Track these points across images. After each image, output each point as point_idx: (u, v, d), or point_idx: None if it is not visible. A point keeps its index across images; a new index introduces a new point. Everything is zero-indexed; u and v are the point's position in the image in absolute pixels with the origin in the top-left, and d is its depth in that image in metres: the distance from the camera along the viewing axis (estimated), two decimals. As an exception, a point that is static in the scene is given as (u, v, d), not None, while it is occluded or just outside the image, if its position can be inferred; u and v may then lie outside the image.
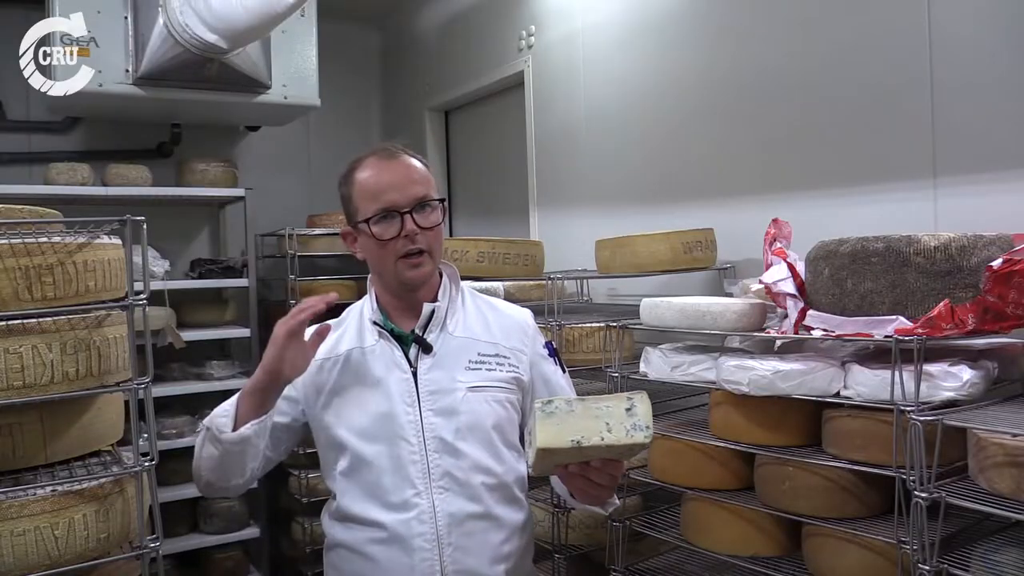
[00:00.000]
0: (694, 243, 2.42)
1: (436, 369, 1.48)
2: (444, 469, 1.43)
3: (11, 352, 1.56)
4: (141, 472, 1.69)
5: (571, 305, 2.97)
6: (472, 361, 1.50)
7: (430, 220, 1.45)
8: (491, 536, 1.45)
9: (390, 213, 1.42)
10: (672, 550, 2.20)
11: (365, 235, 1.46)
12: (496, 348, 1.53)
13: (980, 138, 1.91)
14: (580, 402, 1.24)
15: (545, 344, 1.63)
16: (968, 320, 1.46)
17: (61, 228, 1.73)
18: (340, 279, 4.05)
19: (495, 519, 1.46)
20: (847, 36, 2.20)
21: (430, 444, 1.43)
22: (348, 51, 4.68)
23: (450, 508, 1.42)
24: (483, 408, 1.47)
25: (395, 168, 1.46)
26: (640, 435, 1.22)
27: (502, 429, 1.49)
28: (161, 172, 3.75)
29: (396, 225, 1.42)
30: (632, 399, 1.23)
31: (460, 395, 1.46)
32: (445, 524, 1.41)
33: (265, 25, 2.90)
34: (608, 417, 1.22)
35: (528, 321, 1.63)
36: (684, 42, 2.74)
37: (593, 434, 1.22)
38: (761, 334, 1.86)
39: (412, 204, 1.43)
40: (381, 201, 1.43)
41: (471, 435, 1.45)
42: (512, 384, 1.52)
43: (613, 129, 3.09)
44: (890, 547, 1.52)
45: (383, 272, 1.50)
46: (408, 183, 1.44)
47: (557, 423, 1.22)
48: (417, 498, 1.42)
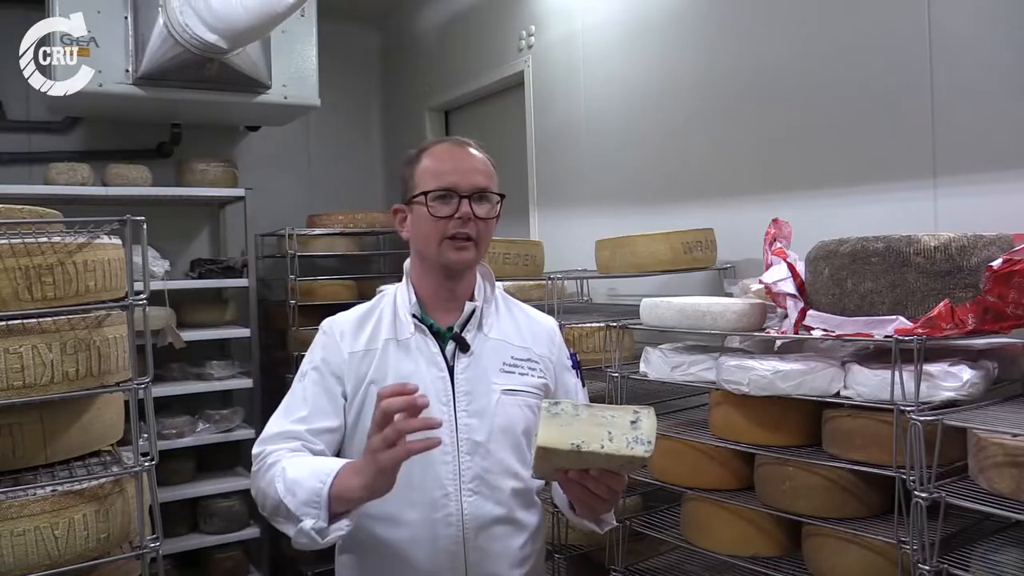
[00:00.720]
0: (694, 243, 2.42)
1: (472, 369, 1.46)
2: (475, 472, 1.42)
3: (11, 352, 1.56)
4: (141, 472, 1.69)
5: (571, 305, 2.97)
6: (506, 364, 1.49)
7: (485, 211, 1.45)
8: (512, 540, 1.45)
9: (449, 193, 1.42)
10: (672, 550, 2.20)
11: (419, 208, 1.44)
12: (528, 353, 1.52)
13: (980, 138, 1.91)
14: (587, 408, 1.23)
15: (570, 355, 1.63)
16: (968, 320, 1.46)
17: (61, 228, 1.73)
18: (340, 279, 4.05)
19: (517, 523, 1.46)
20: (847, 36, 2.20)
21: (463, 445, 1.42)
22: (348, 51, 4.68)
23: (478, 511, 1.41)
24: (515, 412, 1.46)
25: (463, 155, 1.47)
26: (640, 449, 1.21)
27: (529, 434, 1.46)
28: (161, 172, 3.75)
29: (452, 205, 1.42)
30: (639, 413, 1.22)
31: (495, 397, 1.44)
32: (472, 527, 1.40)
33: (265, 25, 2.90)
34: (611, 426, 1.22)
35: (555, 329, 1.63)
36: (684, 42, 2.74)
37: (594, 440, 1.21)
38: (761, 334, 1.86)
39: (472, 191, 1.43)
40: (443, 180, 1.43)
41: (503, 438, 1.44)
42: (541, 391, 1.51)
43: (613, 129, 3.09)
44: (890, 547, 1.52)
45: (426, 252, 1.46)
46: (472, 171, 1.45)
47: (560, 425, 1.22)
48: (446, 499, 1.40)
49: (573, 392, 1.59)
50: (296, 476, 1.30)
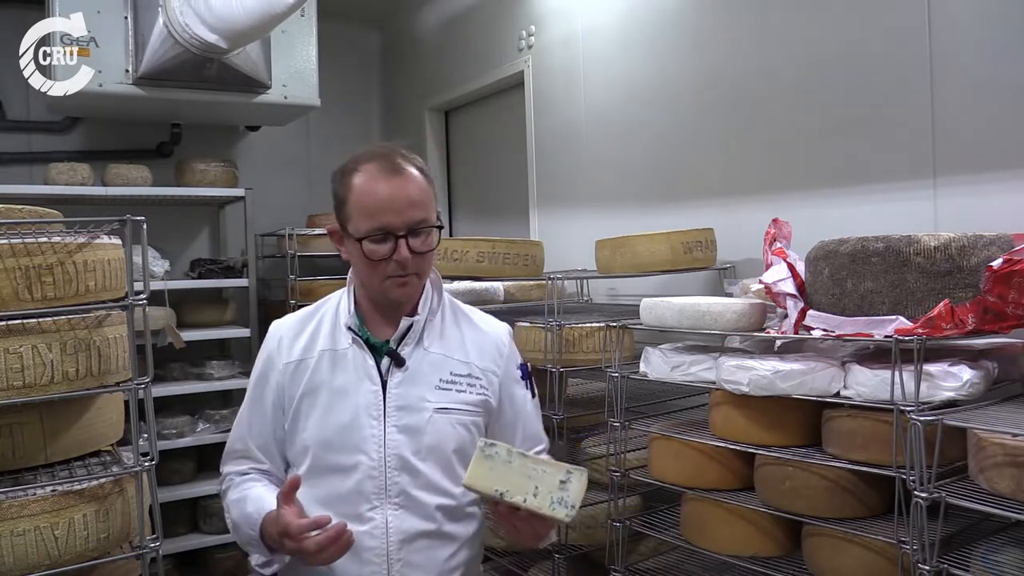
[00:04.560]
0: (694, 243, 2.42)
1: (406, 384, 1.44)
2: (401, 487, 1.41)
3: (11, 352, 1.56)
4: (141, 472, 1.69)
5: (571, 305, 2.98)
6: (443, 380, 1.46)
7: (425, 244, 1.40)
8: (439, 552, 1.44)
9: (385, 234, 1.37)
10: (672, 550, 2.20)
11: (353, 245, 1.41)
12: (469, 368, 1.49)
13: (980, 138, 1.91)
14: (521, 456, 1.23)
15: (519, 366, 1.58)
16: (968, 320, 1.46)
17: (61, 228, 1.73)
18: (340, 279, 4.03)
19: (445, 535, 1.45)
20: (847, 36, 2.20)
21: (390, 461, 1.41)
22: (348, 51, 4.68)
23: (403, 525, 1.41)
24: (447, 431, 1.44)
25: (396, 185, 1.37)
26: (561, 511, 1.20)
27: (463, 452, 1.44)
28: (161, 172, 3.75)
29: (389, 247, 1.37)
30: (571, 474, 1.22)
31: (427, 415, 1.43)
32: (396, 541, 1.41)
33: (265, 25, 2.90)
34: (540, 481, 1.22)
35: (504, 339, 1.57)
36: (684, 43, 2.74)
37: (517, 492, 1.21)
38: (761, 334, 1.86)
39: (408, 229, 1.37)
40: (377, 221, 1.36)
41: (431, 456, 1.43)
42: (479, 408, 1.49)
43: (613, 129, 3.09)
44: (890, 547, 1.52)
45: (368, 285, 1.46)
46: (407, 206, 1.37)
47: (490, 468, 1.23)
48: (371, 512, 1.41)
49: (519, 403, 1.55)
50: (236, 519, 1.48)
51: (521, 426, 1.55)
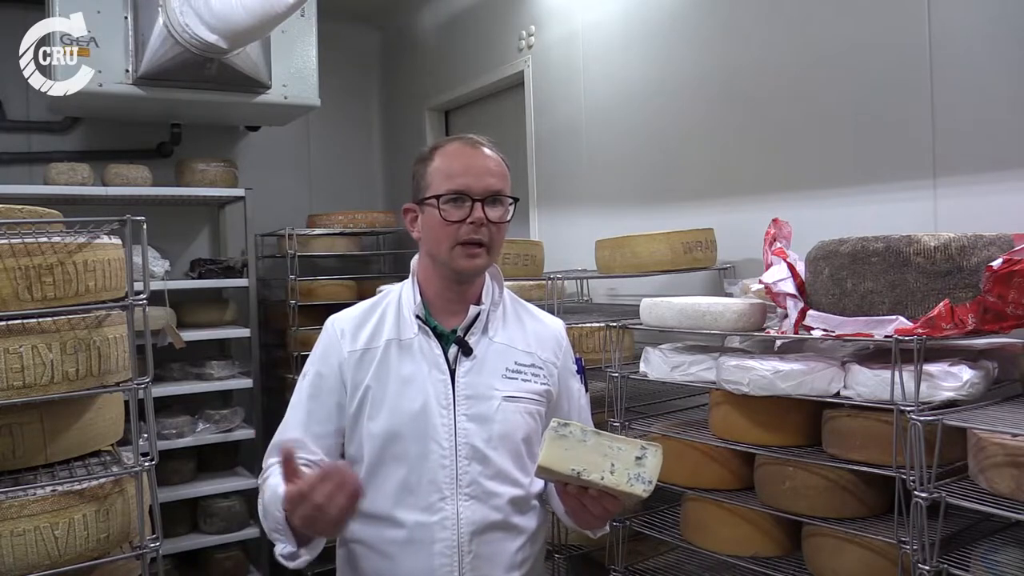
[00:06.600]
0: (694, 243, 2.42)
1: (474, 373, 1.44)
2: (472, 477, 1.41)
3: (11, 352, 1.56)
4: (141, 472, 1.69)
5: (571, 305, 2.97)
6: (509, 369, 1.47)
7: (499, 215, 1.43)
8: (508, 544, 1.44)
9: (461, 196, 1.40)
10: (672, 550, 2.20)
11: (430, 211, 1.42)
12: (532, 358, 1.50)
13: (980, 138, 1.91)
14: (595, 434, 1.22)
15: (575, 359, 1.61)
16: (968, 320, 1.46)
17: (61, 228, 1.73)
18: (340, 279, 4.05)
19: (514, 527, 1.45)
20: (847, 36, 2.20)
21: (461, 450, 1.41)
22: (348, 51, 4.68)
23: (474, 516, 1.41)
24: (516, 419, 1.45)
25: (476, 156, 1.44)
26: (639, 487, 1.20)
27: (530, 441, 1.46)
28: (161, 172, 3.75)
29: (465, 209, 1.39)
30: (646, 450, 1.21)
31: (496, 403, 1.43)
32: (467, 532, 1.40)
33: (265, 25, 2.90)
34: (616, 458, 1.21)
35: (562, 332, 1.60)
36: (684, 42, 2.74)
37: (595, 470, 1.20)
38: (761, 334, 1.86)
39: (485, 195, 1.41)
40: (455, 182, 1.40)
41: (502, 445, 1.43)
42: (543, 397, 1.50)
43: (613, 129, 3.08)
44: (890, 547, 1.52)
45: (437, 255, 1.45)
46: (485, 173, 1.42)
47: (566, 448, 1.21)
48: (443, 503, 1.40)
49: (576, 397, 1.58)
50: (266, 502, 1.36)
51: (575, 418, 1.54)
